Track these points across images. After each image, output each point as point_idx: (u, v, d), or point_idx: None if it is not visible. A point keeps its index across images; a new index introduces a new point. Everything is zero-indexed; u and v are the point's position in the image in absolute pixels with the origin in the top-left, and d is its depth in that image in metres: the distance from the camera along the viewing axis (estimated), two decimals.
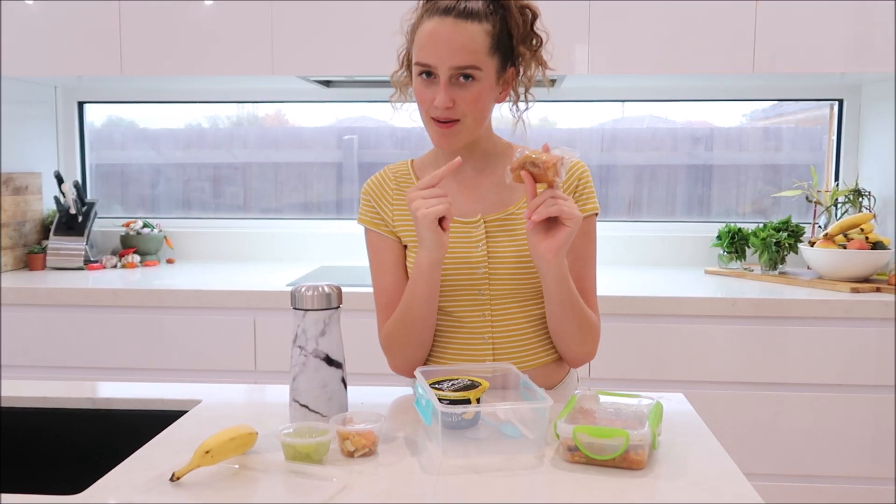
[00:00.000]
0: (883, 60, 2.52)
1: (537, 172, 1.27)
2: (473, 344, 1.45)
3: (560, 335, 1.44)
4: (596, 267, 1.51)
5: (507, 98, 1.46)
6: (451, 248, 1.42)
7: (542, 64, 1.44)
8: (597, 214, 1.49)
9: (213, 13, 2.67)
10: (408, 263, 1.47)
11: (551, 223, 1.30)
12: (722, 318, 2.38)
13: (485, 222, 1.45)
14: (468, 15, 1.32)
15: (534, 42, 1.42)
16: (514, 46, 1.39)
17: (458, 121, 1.36)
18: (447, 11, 1.32)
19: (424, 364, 1.50)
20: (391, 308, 1.46)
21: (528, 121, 1.50)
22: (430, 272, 1.35)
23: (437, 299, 1.41)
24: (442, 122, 1.36)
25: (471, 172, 1.48)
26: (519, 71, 1.43)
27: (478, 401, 1.21)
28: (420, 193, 1.28)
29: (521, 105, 1.48)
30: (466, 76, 1.33)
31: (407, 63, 1.46)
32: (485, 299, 1.44)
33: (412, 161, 1.55)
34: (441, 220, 1.29)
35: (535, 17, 1.40)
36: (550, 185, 1.27)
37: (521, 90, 1.47)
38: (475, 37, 1.32)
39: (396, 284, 1.47)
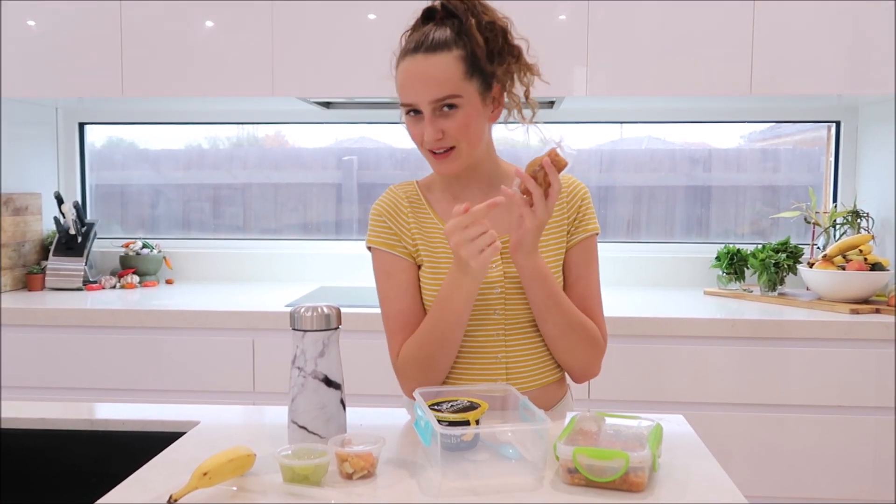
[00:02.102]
0: (880, 83, 2.54)
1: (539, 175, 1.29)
2: (487, 363, 1.44)
3: (549, 342, 1.45)
4: (599, 285, 1.52)
5: (510, 116, 1.45)
6: None
7: (529, 70, 1.43)
8: (597, 234, 1.52)
9: (214, 35, 2.69)
10: (422, 283, 1.46)
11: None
12: (721, 339, 2.37)
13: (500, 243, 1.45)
14: (435, 47, 1.34)
15: (511, 55, 1.40)
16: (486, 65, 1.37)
17: (453, 148, 1.38)
18: (416, 49, 1.36)
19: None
20: (408, 331, 1.43)
21: (539, 132, 1.47)
22: (471, 297, 1.35)
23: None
24: (437, 153, 1.39)
25: (477, 195, 1.47)
26: (504, 86, 1.41)
27: (477, 422, 1.20)
28: (466, 234, 1.25)
29: (528, 114, 1.46)
30: (450, 105, 1.35)
31: None
32: (499, 319, 1.44)
33: (417, 182, 1.55)
34: None
35: (504, 30, 1.39)
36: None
37: (521, 101, 1.45)
38: (446, 66, 1.34)
39: (414, 307, 1.45)
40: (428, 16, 1.40)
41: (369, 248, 1.50)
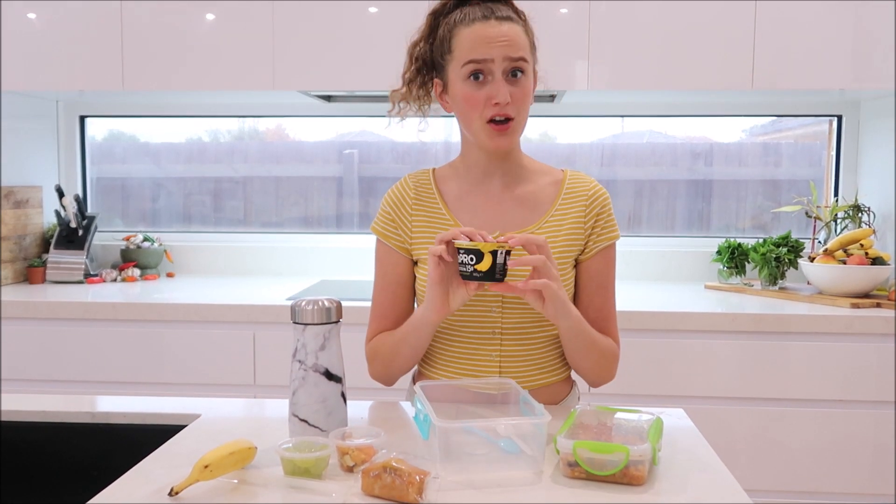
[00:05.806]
0: (881, 78, 2.53)
1: (392, 484, 1.04)
2: (480, 361, 1.44)
3: (579, 369, 1.47)
4: (615, 293, 1.52)
5: None
6: None
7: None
8: (618, 239, 1.52)
9: (215, 28, 2.68)
10: (417, 281, 1.46)
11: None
12: (722, 333, 2.38)
13: None
14: (507, 18, 1.38)
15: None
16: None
17: (512, 119, 1.37)
18: (486, 17, 1.37)
19: (423, 376, 1.51)
20: (383, 321, 1.48)
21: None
22: (434, 329, 1.39)
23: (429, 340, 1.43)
24: (498, 123, 1.37)
25: (498, 187, 1.47)
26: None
27: (493, 254, 1.22)
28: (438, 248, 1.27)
29: None
30: (517, 71, 1.36)
31: (418, 77, 1.47)
32: (496, 318, 1.42)
33: (433, 170, 1.53)
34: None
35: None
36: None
37: None
38: (520, 33, 1.38)
39: (394, 302, 1.48)
40: None
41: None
